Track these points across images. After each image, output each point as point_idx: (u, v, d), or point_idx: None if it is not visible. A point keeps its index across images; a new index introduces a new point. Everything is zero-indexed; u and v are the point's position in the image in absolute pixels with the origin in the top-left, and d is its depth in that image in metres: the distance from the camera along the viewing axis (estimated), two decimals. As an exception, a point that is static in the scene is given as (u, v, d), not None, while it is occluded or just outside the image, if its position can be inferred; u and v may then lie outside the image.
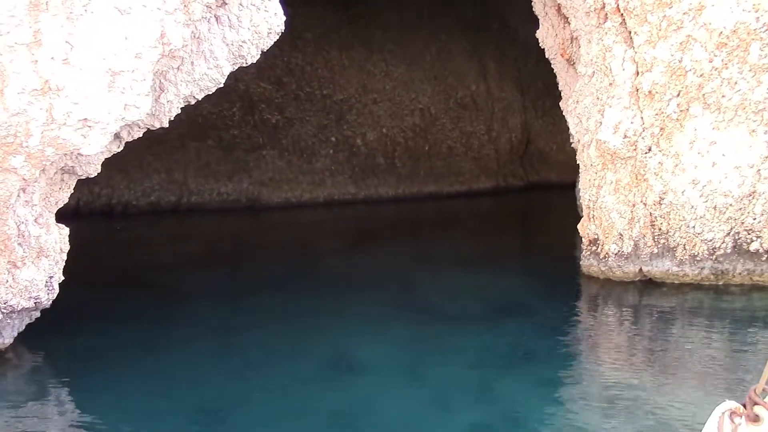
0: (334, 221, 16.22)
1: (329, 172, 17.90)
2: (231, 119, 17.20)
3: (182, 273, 10.74)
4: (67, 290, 9.60)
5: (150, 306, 8.88)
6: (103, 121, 5.86)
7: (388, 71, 18.47)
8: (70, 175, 7.27)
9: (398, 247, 12.69)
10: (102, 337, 7.72)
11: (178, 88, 7.13)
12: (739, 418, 1.86)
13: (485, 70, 19.90)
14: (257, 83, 17.28)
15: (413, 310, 8.52)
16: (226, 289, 9.79)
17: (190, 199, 16.93)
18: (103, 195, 16.52)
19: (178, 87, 7.12)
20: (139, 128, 7.21)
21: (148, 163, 16.76)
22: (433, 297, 9.08)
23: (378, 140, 18.30)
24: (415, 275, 10.26)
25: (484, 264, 11.00)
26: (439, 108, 18.98)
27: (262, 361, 7.02)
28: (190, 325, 8.06)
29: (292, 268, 10.93)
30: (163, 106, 7.09)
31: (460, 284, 9.75)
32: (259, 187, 17.32)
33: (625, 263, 9.10)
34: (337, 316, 8.33)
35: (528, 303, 8.85)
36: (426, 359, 7.01)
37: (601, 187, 9.19)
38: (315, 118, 17.79)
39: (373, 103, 18.29)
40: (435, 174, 18.89)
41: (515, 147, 20.28)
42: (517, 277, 10.20)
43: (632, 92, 8.76)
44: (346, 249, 12.41)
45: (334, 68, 17.97)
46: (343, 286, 9.70)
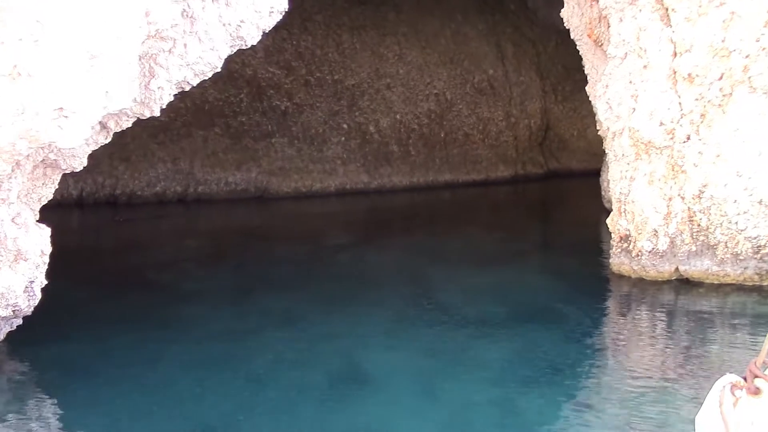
0: (345, 212, 15.56)
1: (341, 160, 17.23)
2: (238, 106, 16.54)
3: (185, 270, 10.15)
4: (60, 289, 9.04)
5: (149, 308, 8.30)
6: (81, 111, 5.21)
7: (401, 54, 17.72)
8: (53, 169, 6.65)
9: (413, 241, 12.02)
10: (95, 343, 7.16)
11: (170, 72, 6.46)
12: (739, 391, 1.82)
13: (503, 53, 19.11)
14: (265, 68, 16.60)
15: (429, 314, 7.87)
16: (231, 289, 9.18)
17: (197, 189, 16.33)
18: (107, 185, 15.96)
19: (170, 72, 6.45)
20: (128, 117, 6.57)
21: (152, 152, 16.17)
22: (451, 299, 8.41)
23: (391, 127, 17.60)
24: (431, 274, 9.58)
25: (504, 260, 10.31)
26: (455, 93, 18.23)
27: (267, 372, 6.46)
28: (190, 331, 7.49)
29: (300, 266, 10.30)
30: (153, 92, 6.43)
31: (478, 284, 9.07)
32: (268, 176, 16.69)
33: (660, 262, 8.37)
34: (348, 321, 7.70)
35: (553, 306, 8.16)
36: (444, 373, 6.41)
37: (633, 180, 8.45)
38: (326, 104, 17.10)
39: (387, 88, 17.56)
40: (451, 162, 18.17)
41: (534, 133, 19.50)
42: (540, 276, 9.50)
43: (669, 75, 8.00)
44: (357, 243, 11.75)
45: (345, 52, 17.25)
46: (354, 286, 9.05)
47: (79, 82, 5.24)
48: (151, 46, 6.04)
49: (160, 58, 6.36)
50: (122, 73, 5.42)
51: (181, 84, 6.68)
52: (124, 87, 5.51)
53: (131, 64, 5.48)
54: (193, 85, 6.85)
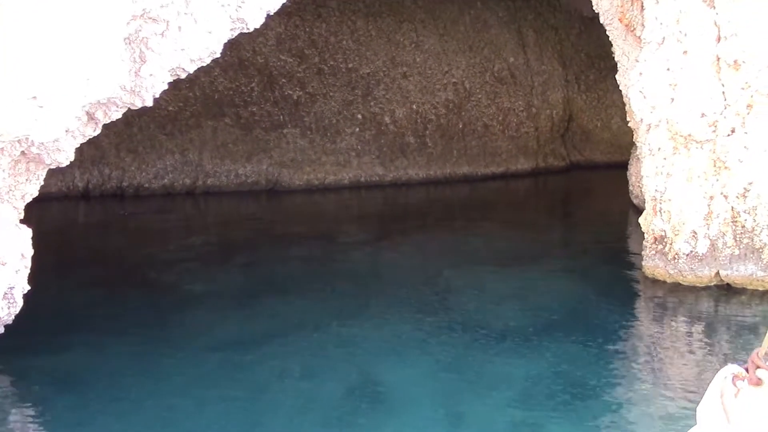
0: (359, 207, 14.96)
1: (355, 152, 16.60)
2: (249, 95, 15.94)
3: (190, 269, 9.61)
4: (55, 291, 8.56)
5: (149, 312, 7.79)
6: (58, 100, 4.63)
7: (418, 42, 17.02)
8: (37, 164, 6.10)
9: (429, 238, 11.39)
10: (89, 353, 6.68)
11: (162, 58, 5.87)
12: (741, 382, 1.75)
13: (524, 40, 18.34)
14: (277, 56, 15.98)
15: (447, 323, 7.26)
16: (236, 291, 8.63)
17: (206, 182, 15.77)
18: (114, 177, 15.44)
19: (163, 57, 5.86)
20: (117, 107, 6.00)
21: (160, 144, 15.62)
22: (470, 305, 7.80)
23: (408, 117, 16.93)
24: (448, 276, 8.97)
25: (527, 261, 9.67)
26: (474, 82, 17.51)
27: (274, 385, 6.00)
28: (193, 339, 6.99)
29: (311, 265, 9.72)
30: (144, 80, 5.85)
31: (500, 288, 8.44)
32: (280, 168, 16.09)
33: (699, 266, 7.70)
34: (361, 329, 7.14)
35: (580, 314, 7.54)
36: (464, 390, 5.87)
37: (670, 176, 7.76)
38: (339, 93, 16.46)
39: (403, 77, 16.89)
40: (469, 154, 17.48)
41: (556, 124, 18.74)
42: (566, 279, 8.84)
43: (713, 62, 7.29)
44: (371, 241, 11.14)
45: (360, 39, 16.58)
46: (367, 289, 8.46)
47: (54, 67, 4.66)
48: (139, 28, 5.44)
49: (152, 41, 5.76)
50: (105, 58, 4.83)
51: (176, 71, 6.09)
52: (108, 73, 4.92)
53: (116, 47, 4.89)
54: (190, 72, 6.25)
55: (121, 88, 5.77)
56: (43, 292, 8.50)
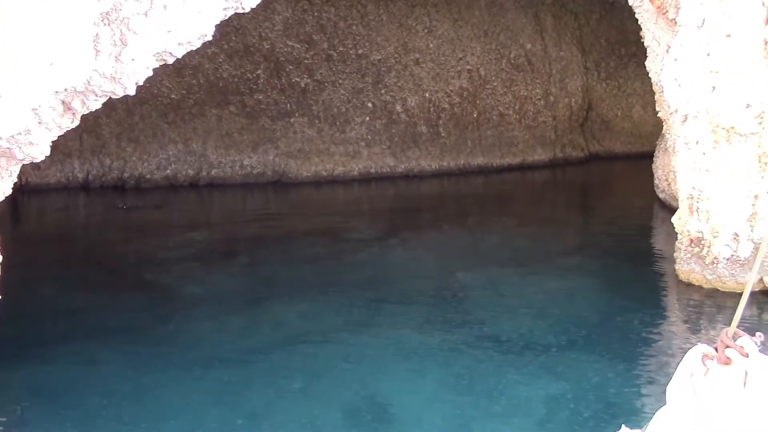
0: (369, 199, 14.32)
1: (365, 142, 15.95)
2: (255, 83, 15.30)
3: (189, 270, 9.04)
4: (44, 294, 8.01)
5: (144, 319, 7.24)
6: (15, 88, 4.02)
7: (431, 27, 16.30)
8: (8, 159, 5.47)
9: (442, 236, 10.75)
10: (77, 364, 6.19)
11: (146, 41, 5.24)
12: (710, 361, 1.83)
13: (542, 25, 17.58)
14: (284, 42, 15.32)
15: (461, 333, 6.64)
16: (238, 295, 8.05)
17: (210, 173, 15.19)
18: (115, 168, 14.89)
19: (147, 40, 5.23)
20: (96, 96, 5.36)
21: (163, 133, 15.04)
22: (486, 313, 7.16)
23: (420, 106, 16.24)
24: (462, 279, 8.33)
25: (546, 262, 9.02)
26: (490, 69, 16.78)
27: (272, 404, 5.48)
28: (190, 350, 6.47)
29: (318, 265, 9.10)
30: (125, 65, 5.22)
31: (518, 293, 7.79)
32: (287, 158, 15.48)
33: (741, 271, 7.03)
34: (366, 340, 6.54)
35: (607, 324, 6.89)
36: (479, 412, 5.31)
37: (709, 172, 7.07)
38: (349, 81, 15.79)
39: (415, 63, 16.18)
40: (484, 144, 16.78)
41: (575, 113, 18.00)
42: (590, 284, 8.16)
43: (760, 47, 6.58)
44: (381, 238, 10.51)
45: (370, 24, 15.88)
46: (375, 294, 7.84)
47: (10, 51, 4.03)
48: (116, 6, 4.81)
49: (134, 22, 5.13)
50: (72, 39, 4.21)
51: (161, 55, 5.46)
52: (77, 57, 4.30)
53: (85, 26, 4.26)
54: (177, 56, 5.61)
55: (100, 75, 5.15)
56: (31, 295, 8.00)
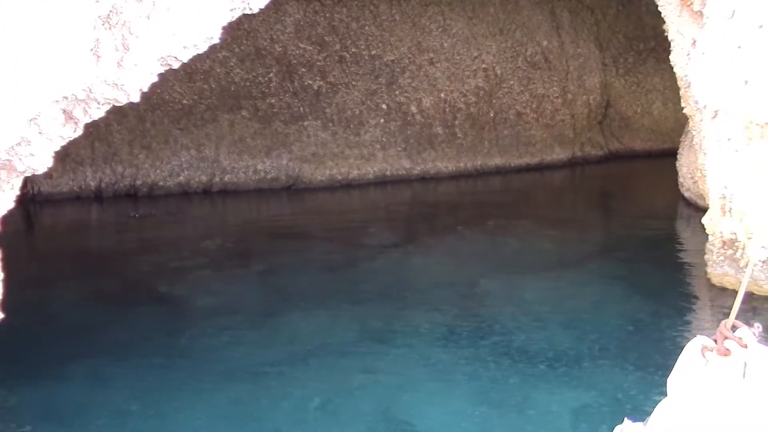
0: (385, 203, 14.04)
1: (380, 144, 15.67)
2: (267, 86, 15.07)
3: (203, 280, 8.82)
4: (55, 307, 7.83)
5: (156, 332, 7.04)
6: (12, 97, 3.78)
7: (445, 26, 16.00)
8: (9, 171, 5.24)
9: (461, 240, 10.45)
10: (86, 382, 6.03)
11: (149, 45, 4.99)
12: (710, 353, 1.86)
13: (558, 22, 17.21)
14: (296, 44, 15.08)
15: (487, 343, 6.36)
16: (252, 306, 7.81)
17: (223, 179, 14.97)
18: (127, 175, 14.70)
19: (150, 44, 4.99)
20: (98, 104, 5.13)
21: (175, 139, 14.84)
22: (510, 322, 6.86)
23: (435, 107, 15.94)
24: (485, 286, 8.03)
25: (571, 266, 8.71)
26: (506, 68, 16.45)
27: (290, 423, 5.25)
28: (204, 365, 6.25)
29: (335, 274, 8.83)
30: (128, 71, 4.97)
31: (542, 300, 7.48)
32: (301, 163, 15.23)
33: (778, 275, 6.67)
34: (387, 352, 6.28)
35: (639, 331, 6.58)
36: (509, 428, 5.05)
37: (743, 171, 6.71)
38: (362, 82, 15.52)
39: (429, 63, 15.88)
40: (501, 144, 16.45)
41: (593, 111, 17.62)
42: (617, 288, 7.83)
43: (796, 37, 6.23)
44: (398, 244, 10.22)
45: (383, 24, 15.60)
46: (394, 303, 7.56)
47: (7, 59, 3.80)
48: (117, 9, 4.56)
49: (136, 25, 4.89)
50: (71, 45, 3.97)
51: (166, 60, 5.21)
52: (76, 64, 4.06)
53: (82, 30, 4.02)
54: (183, 61, 5.36)
55: (102, 81, 4.92)
56: (45, 309, 7.82)
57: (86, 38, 4.52)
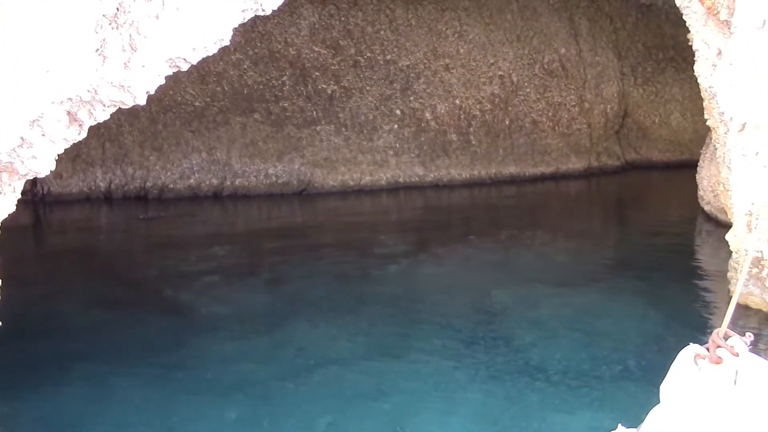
0: (397, 211, 13.83)
1: (393, 150, 15.49)
2: (280, 90, 14.93)
3: (210, 286, 8.63)
4: (60, 311, 7.66)
5: (164, 341, 6.87)
6: (13, 98, 3.61)
7: (462, 32, 15.80)
8: (10, 174, 5.07)
9: (474, 250, 10.21)
10: (88, 394, 5.85)
11: (157, 46, 4.81)
12: (702, 361, 1.90)
13: (576, 29, 16.98)
14: (310, 47, 14.93)
15: (498, 360, 6.12)
16: (261, 315, 7.61)
17: (234, 182, 14.83)
18: (137, 177, 14.59)
19: (158, 45, 4.80)
20: (104, 106, 4.94)
21: (186, 141, 14.72)
22: (524, 336, 6.63)
23: (450, 113, 15.74)
24: (498, 298, 7.79)
25: (587, 280, 8.46)
26: (522, 75, 16.23)
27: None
28: (210, 377, 6.08)
29: (346, 283, 8.61)
30: (135, 73, 4.79)
31: (558, 315, 7.24)
32: (313, 168, 15.07)
33: (807, 296, 6.39)
34: (398, 367, 6.06)
35: (660, 351, 6.31)
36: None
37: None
38: (377, 87, 15.35)
39: (445, 69, 15.69)
40: (516, 153, 16.22)
41: (611, 120, 17.36)
42: (636, 305, 7.57)
43: (831, 49, 5.97)
44: (410, 253, 10.00)
45: (399, 29, 15.43)
46: (405, 315, 7.34)
47: (9, 58, 3.62)
48: (125, 8, 4.39)
49: (144, 25, 4.70)
50: (77, 45, 3.79)
51: (175, 61, 5.02)
52: (81, 64, 3.89)
53: (85, 29, 3.84)
54: (193, 63, 5.17)
55: (108, 83, 4.74)
56: (50, 312, 7.66)
57: (92, 38, 4.34)
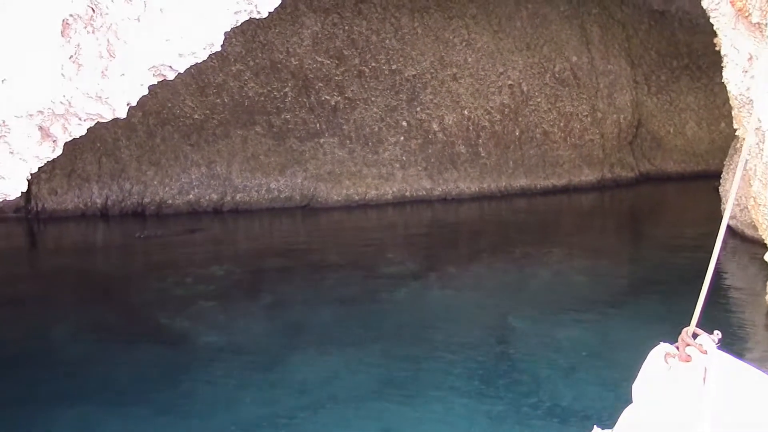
0: (404, 226, 13.28)
1: (399, 163, 14.96)
2: (282, 101, 14.44)
3: (207, 312, 8.10)
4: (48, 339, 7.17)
5: (156, 374, 6.38)
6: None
7: (470, 40, 15.30)
8: (-23, 197, 4.54)
9: (487, 270, 9.65)
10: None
11: (139, 52, 4.28)
12: (672, 359, 1.92)
13: (588, 37, 16.47)
14: (313, 57, 14.44)
15: (514, 398, 5.57)
16: (260, 345, 7.09)
17: (235, 197, 14.31)
18: (135, 192, 14.08)
19: (140, 51, 4.27)
20: (80, 120, 4.42)
21: (185, 155, 14.23)
22: (543, 370, 6.07)
23: (458, 124, 15.22)
24: (514, 326, 7.23)
25: (609, 305, 7.90)
26: (533, 84, 15.71)
27: None
28: (201, 415, 5.65)
29: (348, 308, 8.06)
30: (113, 82, 4.26)
31: (578, 344, 6.68)
32: (316, 182, 14.55)
33: None
34: (405, 406, 5.50)
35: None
36: None
37: (816, 204, 5.89)
38: (382, 98, 14.84)
39: (452, 79, 15.19)
40: (527, 165, 15.68)
41: (624, 131, 16.82)
42: (664, 332, 6.87)
43: None
44: (418, 273, 9.44)
45: (405, 38, 14.94)
46: (414, 345, 6.77)
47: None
48: (100, 9, 3.86)
49: (123, 29, 4.17)
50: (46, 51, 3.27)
51: (159, 69, 4.50)
52: (52, 73, 3.37)
53: (51, 33, 3.32)
54: (179, 71, 4.65)
55: (83, 94, 4.21)
56: (34, 341, 7.13)
57: (65, 43, 3.82)
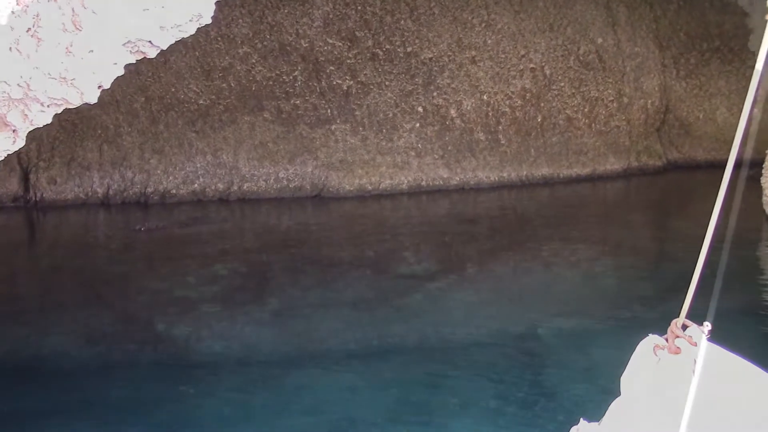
0: (420, 218, 12.58)
1: (415, 151, 14.24)
2: (292, 86, 13.73)
3: (209, 317, 7.53)
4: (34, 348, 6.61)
5: (150, 392, 5.87)
6: None
7: (489, 21, 14.50)
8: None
9: (510, 269, 8.97)
10: None
11: (111, 24, 3.61)
12: (661, 351, 1.95)
13: (614, 18, 15.62)
14: (324, 39, 13.70)
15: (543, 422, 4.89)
16: (265, 354, 6.55)
17: (242, 187, 13.67)
18: (137, 182, 13.46)
19: (112, 23, 3.61)
20: (42, 105, 3.79)
21: (190, 143, 13.59)
22: (574, 387, 5.48)
23: (477, 110, 14.46)
24: (541, 336, 6.58)
25: (645, 309, 7.24)
26: (556, 68, 14.90)
27: None
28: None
29: (360, 313, 7.43)
30: (80, 60, 3.61)
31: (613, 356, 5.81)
32: (327, 170, 13.86)
33: None
34: None
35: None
36: None
37: None
38: (397, 82, 14.10)
39: (471, 62, 14.41)
40: (550, 153, 14.91)
41: (651, 117, 15.98)
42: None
43: None
44: (435, 272, 8.78)
45: (420, 18, 14.16)
46: (433, 358, 6.15)
47: None
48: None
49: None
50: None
51: (137, 45, 3.85)
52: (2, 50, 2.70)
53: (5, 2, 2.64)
54: (162, 47, 3.99)
55: (44, 74, 3.57)
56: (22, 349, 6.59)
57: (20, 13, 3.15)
